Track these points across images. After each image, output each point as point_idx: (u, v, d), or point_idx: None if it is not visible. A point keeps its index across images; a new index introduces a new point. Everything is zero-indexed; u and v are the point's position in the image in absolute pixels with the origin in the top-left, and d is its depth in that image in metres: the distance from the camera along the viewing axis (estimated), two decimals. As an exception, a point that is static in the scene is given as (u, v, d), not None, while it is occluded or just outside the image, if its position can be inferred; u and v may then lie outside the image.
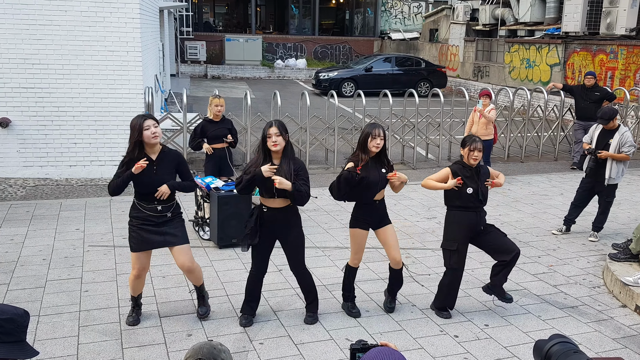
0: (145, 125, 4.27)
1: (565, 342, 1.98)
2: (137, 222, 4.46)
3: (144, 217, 4.43)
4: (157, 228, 4.45)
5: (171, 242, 4.48)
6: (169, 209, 4.48)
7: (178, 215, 4.57)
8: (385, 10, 30.68)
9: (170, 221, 4.49)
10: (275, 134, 4.31)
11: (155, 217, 4.43)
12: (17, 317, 1.95)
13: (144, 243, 4.46)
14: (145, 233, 4.43)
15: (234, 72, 25.07)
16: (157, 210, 4.43)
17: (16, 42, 8.36)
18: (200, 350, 2.05)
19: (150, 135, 4.29)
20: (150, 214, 4.42)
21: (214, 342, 2.12)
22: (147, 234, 4.43)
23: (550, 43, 17.72)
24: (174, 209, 4.53)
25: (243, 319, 4.70)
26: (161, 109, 12.62)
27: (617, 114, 6.76)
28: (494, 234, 4.89)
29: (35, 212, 7.31)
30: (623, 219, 7.84)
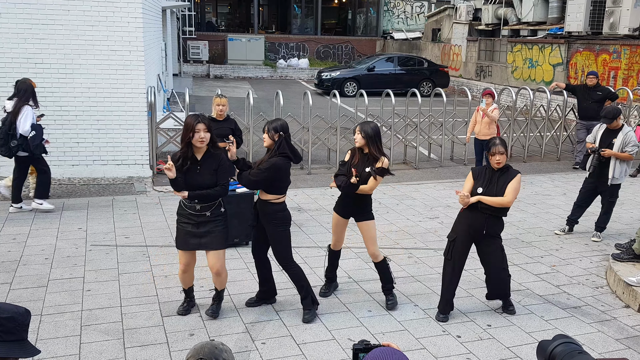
0: (196, 128, 4.37)
1: (569, 342, 1.97)
2: (180, 219, 4.60)
3: (185, 214, 4.55)
4: (196, 229, 4.52)
5: (206, 246, 4.57)
6: (208, 209, 4.52)
7: (219, 216, 4.58)
8: (387, 10, 30.65)
9: (211, 222, 4.53)
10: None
11: (194, 216, 4.51)
12: (18, 316, 1.95)
13: (183, 243, 4.60)
14: (185, 233, 4.56)
15: (237, 71, 25.07)
16: (195, 209, 4.50)
17: (19, 42, 8.37)
18: (201, 349, 2.04)
19: (198, 139, 4.39)
20: (190, 212, 4.51)
21: (215, 341, 2.11)
22: (186, 234, 4.56)
23: (553, 43, 17.69)
24: (214, 209, 4.55)
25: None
26: (163, 108, 12.63)
27: (620, 114, 6.74)
28: (492, 255, 4.83)
29: (37, 211, 7.32)
30: (626, 219, 7.82)
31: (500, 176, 4.74)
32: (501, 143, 4.72)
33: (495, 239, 4.83)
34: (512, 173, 4.76)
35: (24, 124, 6.82)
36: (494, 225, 4.77)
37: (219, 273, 4.68)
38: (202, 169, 4.47)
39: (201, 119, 4.42)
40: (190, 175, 4.46)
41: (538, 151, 11.75)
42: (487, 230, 4.76)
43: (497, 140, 4.76)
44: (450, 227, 7.23)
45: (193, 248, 4.61)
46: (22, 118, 6.82)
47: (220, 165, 4.52)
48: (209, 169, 4.48)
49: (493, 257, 4.85)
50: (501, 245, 4.89)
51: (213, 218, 4.54)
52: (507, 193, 4.66)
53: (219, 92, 8.36)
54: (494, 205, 4.67)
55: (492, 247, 4.83)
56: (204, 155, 4.50)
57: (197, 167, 4.47)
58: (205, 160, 4.50)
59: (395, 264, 6.09)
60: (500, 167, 4.74)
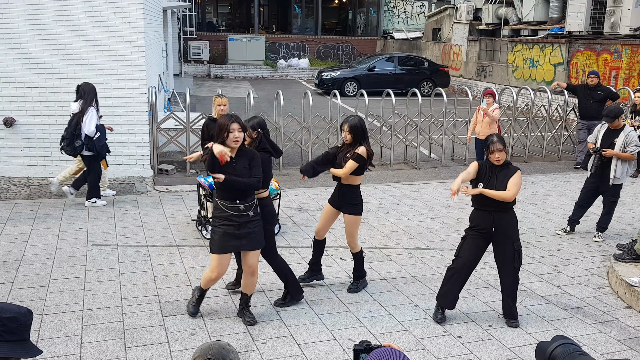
0: (230, 128, 4.37)
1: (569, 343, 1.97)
2: (220, 222, 4.50)
3: (227, 217, 4.47)
4: (237, 230, 4.47)
5: (248, 247, 4.55)
6: (250, 208, 4.51)
7: (258, 215, 4.60)
8: (388, 9, 30.65)
9: (252, 221, 4.53)
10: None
11: (237, 217, 4.46)
12: (20, 316, 1.95)
13: (224, 247, 4.51)
14: (224, 235, 4.48)
15: (237, 71, 25.07)
16: (239, 210, 4.46)
17: (20, 42, 8.38)
18: (209, 350, 2.05)
19: (232, 139, 4.38)
20: (233, 213, 4.46)
21: (222, 341, 2.12)
22: (227, 237, 4.48)
23: (554, 42, 17.68)
24: (255, 208, 4.56)
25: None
26: (164, 108, 12.63)
27: (622, 113, 6.74)
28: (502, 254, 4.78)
29: (39, 211, 7.33)
30: (628, 219, 7.82)
31: (500, 172, 4.74)
32: (499, 140, 4.71)
33: (507, 238, 4.74)
34: (512, 169, 4.76)
35: (89, 125, 7.17)
36: (502, 219, 4.73)
37: (254, 273, 4.67)
38: (237, 167, 4.46)
39: (235, 119, 4.42)
40: (226, 172, 4.43)
41: (539, 151, 11.74)
42: (496, 227, 4.72)
43: (494, 137, 4.75)
44: (450, 227, 7.28)
45: (232, 250, 4.55)
46: (87, 119, 7.17)
47: (252, 159, 4.53)
48: (244, 165, 4.48)
49: (506, 257, 4.76)
50: (514, 245, 4.75)
51: (254, 218, 4.53)
52: (509, 187, 4.64)
53: (220, 92, 8.36)
54: (498, 199, 4.65)
55: (506, 247, 4.75)
56: (237, 152, 4.50)
57: (233, 164, 4.45)
58: (240, 157, 4.49)
59: (396, 264, 6.09)
60: (500, 163, 4.74)
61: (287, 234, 6.82)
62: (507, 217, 4.77)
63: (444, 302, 4.89)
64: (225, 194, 4.47)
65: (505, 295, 4.89)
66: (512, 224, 4.80)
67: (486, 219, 4.74)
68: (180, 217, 7.30)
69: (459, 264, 4.83)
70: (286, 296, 5.07)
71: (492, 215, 4.71)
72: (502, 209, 4.73)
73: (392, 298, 5.30)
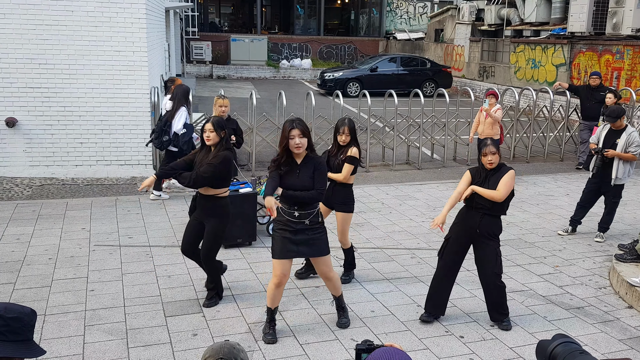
0: (290, 134, 4.30)
1: (569, 342, 1.97)
2: (278, 226, 4.47)
3: (284, 221, 4.42)
4: (294, 236, 4.39)
5: (306, 252, 4.51)
6: (307, 216, 4.40)
7: (317, 224, 4.46)
8: (390, 10, 30.64)
9: (309, 230, 4.41)
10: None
11: (292, 223, 4.39)
12: (24, 316, 1.96)
13: (283, 251, 4.42)
14: (282, 240, 4.41)
15: (240, 72, 25.09)
16: (294, 216, 4.39)
17: (23, 43, 8.40)
18: (220, 350, 2.05)
19: (294, 145, 4.31)
20: (289, 219, 4.40)
21: (232, 341, 2.12)
22: (285, 241, 4.41)
23: (556, 43, 17.66)
24: (313, 217, 4.43)
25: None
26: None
27: (624, 113, 6.74)
28: (485, 259, 4.73)
29: (41, 212, 7.35)
30: (629, 220, 7.81)
31: (492, 175, 4.70)
32: (492, 143, 4.66)
33: (490, 241, 4.70)
34: (505, 170, 4.68)
35: (177, 123, 7.66)
36: (488, 224, 4.66)
37: (328, 277, 4.61)
38: (301, 174, 4.37)
39: (296, 124, 4.31)
40: (291, 179, 4.37)
41: (541, 152, 11.73)
42: (481, 229, 4.66)
43: (488, 140, 4.71)
44: (453, 227, 7.27)
45: (293, 256, 4.46)
46: (177, 118, 7.67)
47: (316, 169, 4.40)
48: (308, 173, 4.39)
49: (486, 260, 4.73)
50: (497, 250, 4.72)
51: (311, 226, 4.41)
52: (499, 187, 4.59)
53: (222, 93, 8.38)
54: (486, 197, 4.60)
55: (487, 250, 4.72)
56: (304, 159, 4.40)
57: (297, 171, 4.38)
58: (305, 164, 4.39)
59: (398, 264, 6.09)
60: (493, 167, 4.68)
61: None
62: (494, 222, 4.70)
63: (434, 310, 4.87)
64: (285, 199, 4.42)
65: (489, 301, 4.83)
66: (496, 227, 4.72)
67: (474, 218, 4.68)
68: (183, 218, 7.31)
69: (446, 269, 4.83)
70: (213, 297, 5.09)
71: (481, 217, 4.65)
72: (493, 212, 4.66)
73: (394, 298, 5.31)
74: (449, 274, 4.86)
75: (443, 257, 4.86)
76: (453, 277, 4.90)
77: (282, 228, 4.42)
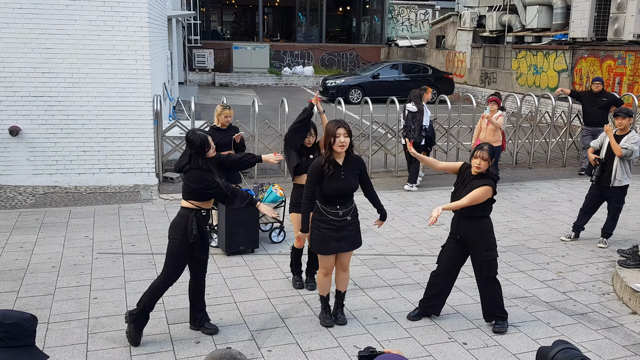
0: (337, 133, 4.41)
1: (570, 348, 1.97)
2: (320, 224, 4.59)
3: (327, 220, 4.56)
4: (337, 233, 4.57)
5: (347, 249, 4.66)
6: (349, 213, 4.60)
7: (357, 218, 4.70)
8: (392, 17, 30.75)
9: (350, 225, 4.62)
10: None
11: (336, 222, 4.55)
12: (23, 322, 1.96)
13: (324, 247, 4.62)
14: (325, 238, 4.58)
15: (242, 79, 25.17)
16: (339, 215, 4.56)
17: (26, 51, 8.45)
18: (221, 358, 2.03)
19: (338, 144, 4.41)
20: (333, 218, 4.54)
21: (233, 350, 2.10)
22: (327, 239, 4.58)
23: (558, 49, 17.69)
24: (353, 212, 4.65)
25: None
26: (169, 116, 12.69)
27: (631, 115, 6.75)
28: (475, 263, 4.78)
29: (44, 220, 7.36)
30: (632, 225, 7.79)
31: (473, 180, 4.62)
32: (488, 149, 4.60)
33: (478, 244, 4.67)
34: (483, 181, 4.57)
35: (426, 120, 9.11)
36: (466, 227, 4.67)
37: (346, 269, 4.81)
38: (345, 174, 4.51)
39: (342, 124, 4.46)
40: (335, 180, 4.48)
41: (543, 157, 11.72)
42: (461, 233, 4.72)
43: (485, 146, 4.64)
44: (455, 233, 7.26)
45: (335, 251, 4.65)
46: (425, 115, 9.11)
47: (362, 170, 4.62)
48: (352, 173, 4.55)
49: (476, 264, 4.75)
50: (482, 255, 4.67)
51: (352, 221, 4.63)
52: (465, 197, 4.53)
53: (224, 101, 8.40)
54: (455, 209, 4.64)
55: (475, 256, 4.72)
56: (346, 159, 4.54)
57: (341, 171, 4.50)
58: (348, 164, 4.54)
59: (401, 271, 6.08)
60: (479, 172, 4.61)
61: (291, 241, 6.82)
62: (473, 225, 4.67)
63: (426, 307, 4.97)
64: (327, 198, 4.55)
65: (484, 304, 4.87)
66: (479, 232, 4.68)
67: (455, 225, 4.78)
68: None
69: (439, 271, 4.92)
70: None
71: (460, 222, 4.73)
72: (466, 216, 4.66)
73: (397, 305, 5.30)
74: (446, 278, 4.91)
75: (440, 262, 4.94)
76: (451, 282, 4.95)
77: (326, 227, 4.57)
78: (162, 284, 4.44)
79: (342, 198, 4.56)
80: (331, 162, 4.47)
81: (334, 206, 4.54)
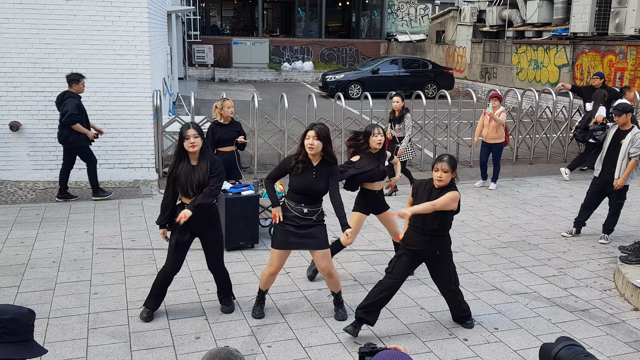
0: (307, 135, 4.45)
1: (573, 345, 1.96)
2: (283, 220, 4.61)
3: (290, 216, 4.59)
4: (299, 230, 4.58)
5: (308, 245, 4.63)
6: (314, 213, 4.61)
7: (322, 221, 4.68)
8: (391, 12, 30.66)
9: (313, 226, 4.61)
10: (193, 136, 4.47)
11: (299, 219, 4.56)
12: (21, 317, 1.95)
13: (284, 243, 4.63)
14: (287, 233, 4.60)
15: (241, 75, 25.12)
16: (302, 212, 4.57)
17: (26, 47, 8.42)
18: (217, 354, 2.06)
19: (307, 145, 4.44)
20: (296, 214, 4.56)
21: (230, 347, 2.12)
22: (288, 234, 4.60)
23: (558, 44, 17.65)
24: (319, 214, 4.64)
25: (145, 313, 4.77)
26: (169, 112, 12.66)
27: (632, 110, 6.73)
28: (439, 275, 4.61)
29: (45, 215, 7.35)
30: (634, 221, 7.78)
31: (439, 194, 4.38)
32: (449, 160, 4.35)
33: (445, 258, 4.55)
34: (449, 188, 4.39)
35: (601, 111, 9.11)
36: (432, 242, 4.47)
37: (330, 274, 4.74)
38: (317, 175, 4.53)
39: (315, 126, 4.47)
40: (307, 179, 4.51)
41: (544, 153, 11.71)
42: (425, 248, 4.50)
43: (445, 156, 4.42)
44: (455, 229, 7.24)
45: (295, 248, 4.66)
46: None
47: (331, 174, 4.58)
48: (324, 176, 4.54)
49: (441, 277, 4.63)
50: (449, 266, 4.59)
51: (316, 222, 4.63)
52: (436, 200, 4.32)
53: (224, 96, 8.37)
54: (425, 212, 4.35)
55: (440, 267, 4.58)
56: (320, 162, 4.55)
57: (313, 172, 4.52)
58: (321, 167, 4.55)
59: (402, 267, 6.08)
60: (442, 185, 4.36)
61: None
62: (443, 242, 4.54)
63: (367, 315, 4.54)
64: (294, 195, 4.58)
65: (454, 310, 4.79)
66: (447, 247, 4.57)
67: (418, 241, 4.48)
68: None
69: (390, 283, 4.55)
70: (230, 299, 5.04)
71: (426, 238, 4.46)
72: (436, 234, 4.46)
73: (397, 301, 5.28)
74: (394, 289, 4.58)
75: (394, 273, 4.55)
76: (395, 291, 4.62)
77: (288, 223, 4.59)
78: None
79: (309, 197, 4.55)
80: (301, 161, 4.49)
81: (299, 203, 4.56)
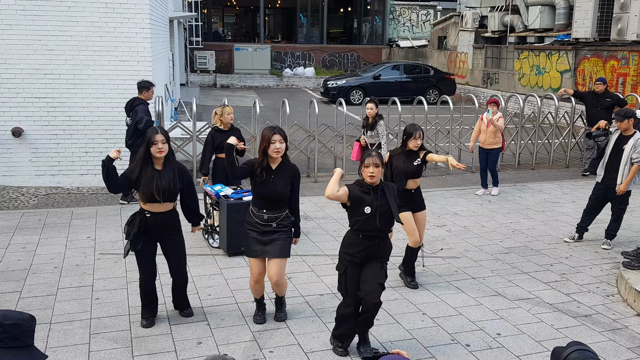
0: (272, 139, 4.45)
1: (584, 349, 1.96)
2: (247, 227, 4.66)
3: (252, 223, 4.62)
4: (261, 237, 4.58)
5: (269, 252, 4.61)
6: (274, 220, 4.57)
7: (284, 228, 4.62)
8: (393, 18, 30.74)
9: (275, 232, 4.58)
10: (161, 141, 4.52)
11: (260, 225, 4.57)
12: (23, 322, 1.96)
13: (250, 250, 4.66)
14: (251, 240, 4.62)
15: (243, 81, 25.18)
16: (263, 219, 4.56)
17: (28, 53, 8.46)
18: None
19: (274, 150, 4.45)
20: (257, 221, 4.58)
21: (227, 356, 2.13)
22: (252, 242, 4.62)
23: (560, 49, 17.66)
24: (281, 221, 4.59)
25: (144, 321, 4.78)
26: (171, 117, 12.69)
27: (633, 116, 6.72)
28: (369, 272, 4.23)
29: (47, 221, 7.36)
30: (637, 227, 7.76)
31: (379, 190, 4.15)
32: (377, 155, 4.13)
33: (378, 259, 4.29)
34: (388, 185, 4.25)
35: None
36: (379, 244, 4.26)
37: (278, 284, 4.71)
38: (275, 179, 4.52)
39: (277, 130, 4.49)
40: (265, 183, 4.50)
41: (546, 158, 11.70)
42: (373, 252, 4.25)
43: (372, 152, 4.19)
44: (457, 234, 7.24)
45: (259, 255, 4.63)
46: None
47: (295, 178, 4.59)
48: (283, 179, 4.53)
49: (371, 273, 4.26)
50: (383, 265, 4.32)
51: (278, 229, 4.59)
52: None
53: (226, 102, 8.39)
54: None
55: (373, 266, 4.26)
56: (279, 165, 4.56)
57: (271, 176, 4.52)
58: (280, 170, 4.55)
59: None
60: (374, 180, 4.11)
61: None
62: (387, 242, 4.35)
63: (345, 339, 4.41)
64: (256, 202, 4.60)
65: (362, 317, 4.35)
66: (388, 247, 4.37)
67: (368, 246, 4.21)
68: (187, 226, 7.30)
69: (349, 301, 4.29)
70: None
71: (379, 243, 4.25)
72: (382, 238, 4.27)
73: (399, 306, 5.28)
74: (356, 304, 4.31)
75: (349, 293, 4.27)
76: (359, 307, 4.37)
77: (250, 229, 4.63)
78: None
79: (270, 203, 4.53)
80: (264, 168, 4.49)
81: (260, 209, 4.55)
